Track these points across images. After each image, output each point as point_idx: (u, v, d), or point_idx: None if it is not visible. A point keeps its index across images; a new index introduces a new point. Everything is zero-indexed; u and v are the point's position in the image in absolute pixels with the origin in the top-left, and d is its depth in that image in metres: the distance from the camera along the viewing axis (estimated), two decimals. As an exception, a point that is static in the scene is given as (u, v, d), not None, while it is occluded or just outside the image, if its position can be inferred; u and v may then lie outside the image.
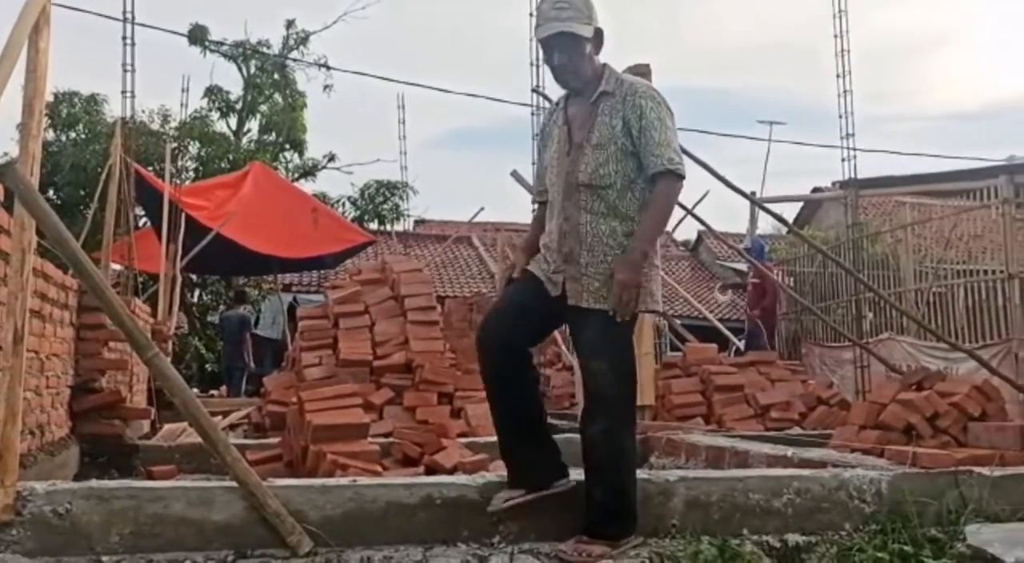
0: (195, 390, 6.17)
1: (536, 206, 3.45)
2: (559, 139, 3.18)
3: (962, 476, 3.60)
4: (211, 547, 2.84)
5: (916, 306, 10.75)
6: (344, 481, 3.17)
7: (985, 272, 10.02)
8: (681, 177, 3.00)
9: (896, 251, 11.80)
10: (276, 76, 19.85)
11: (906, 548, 3.18)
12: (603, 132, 3.05)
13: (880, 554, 3.14)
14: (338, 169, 20.16)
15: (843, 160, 10.17)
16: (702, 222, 9.92)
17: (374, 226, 18.30)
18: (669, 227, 15.27)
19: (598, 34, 3.10)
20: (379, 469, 4.14)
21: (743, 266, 14.57)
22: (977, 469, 3.68)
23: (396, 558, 2.88)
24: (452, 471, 4.24)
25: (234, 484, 2.88)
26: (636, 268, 2.94)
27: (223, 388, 13.49)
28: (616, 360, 3.00)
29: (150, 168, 13.09)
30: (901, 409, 4.70)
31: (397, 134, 18.48)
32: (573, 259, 3.05)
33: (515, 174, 8.43)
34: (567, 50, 3.05)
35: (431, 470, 4.40)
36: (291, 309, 14.70)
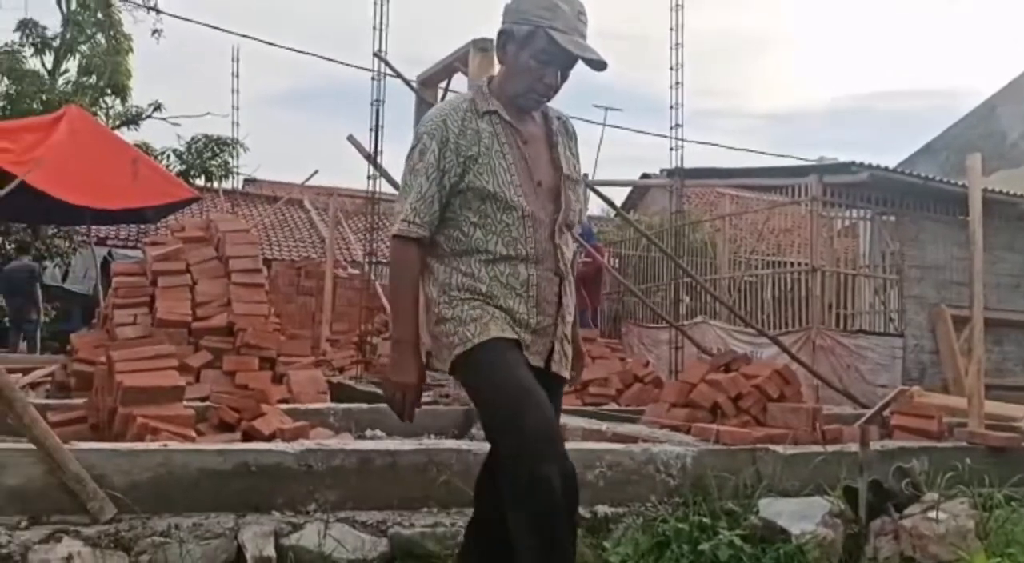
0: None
1: (415, 238, 2.30)
2: (522, 156, 2.34)
3: (759, 453, 3.88)
4: (1, 513, 2.67)
5: (729, 293, 11.38)
6: (154, 446, 3.05)
7: (791, 264, 10.75)
8: None
9: (714, 240, 12.43)
10: (100, 15, 18.53)
11: (705, 520, 3.39)
12: (570, 167, 2.45)
13: (681, 525, 3.34)
14: (164, 120, 19.11)
15: (671, 149, 10.56)
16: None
17: (200, 182, 17.48)
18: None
19: None
20: (193, 434, 3.99)
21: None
22: (772, 447, 3.97)
23: (206, 525, 2.79)
24: (270, 438, 4.17)
25: (31, 446, 2.71)
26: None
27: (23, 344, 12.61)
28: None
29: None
30: (709, 389, 4.98)
31: (230, 88, 17.76)
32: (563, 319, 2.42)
33: (351, 139, 8.23)
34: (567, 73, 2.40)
35: (249, 436, 4.31)
36: (105, 264, 13.83)
